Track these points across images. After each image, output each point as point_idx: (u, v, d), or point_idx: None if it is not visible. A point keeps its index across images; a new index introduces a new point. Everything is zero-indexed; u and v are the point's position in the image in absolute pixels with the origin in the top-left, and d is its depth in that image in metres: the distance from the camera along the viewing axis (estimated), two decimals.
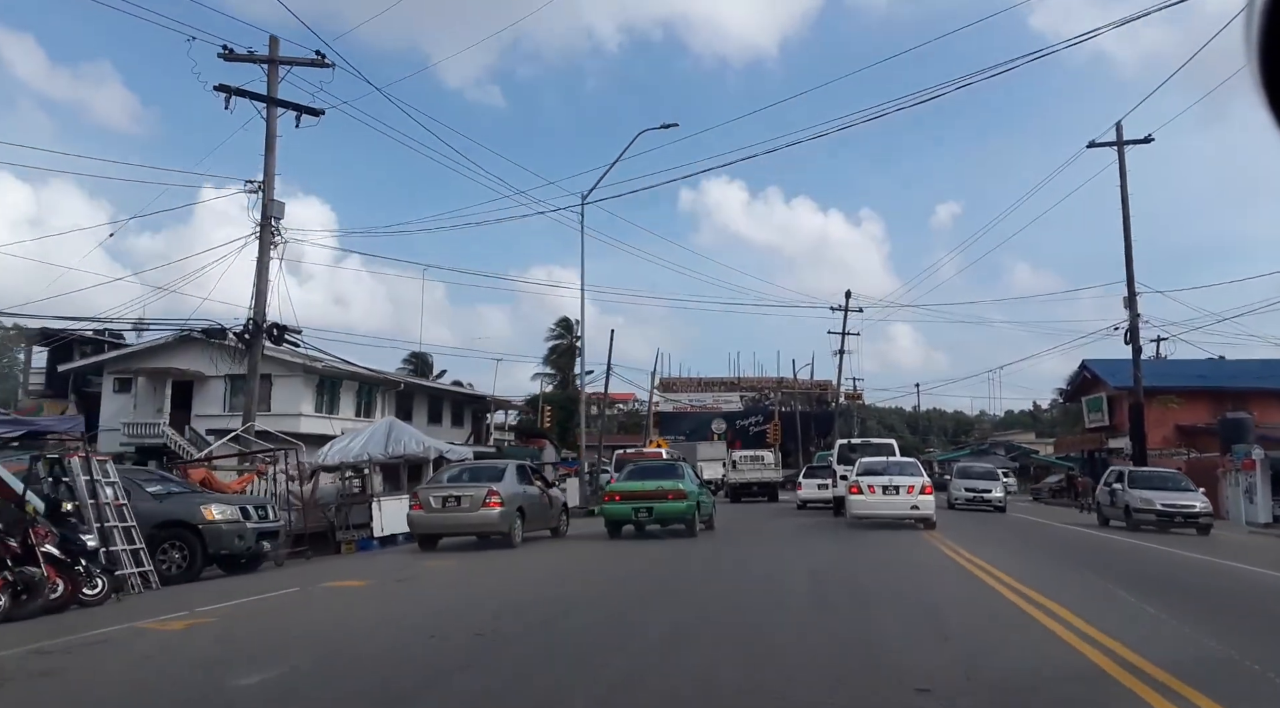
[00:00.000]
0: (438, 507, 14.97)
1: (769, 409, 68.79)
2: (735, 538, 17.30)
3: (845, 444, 26.60)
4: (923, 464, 20.83)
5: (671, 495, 17.02)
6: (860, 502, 18.02)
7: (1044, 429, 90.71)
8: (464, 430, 44.42)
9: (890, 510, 17.91)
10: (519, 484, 15.93)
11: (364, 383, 34.67)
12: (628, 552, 15.15)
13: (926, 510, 17.78)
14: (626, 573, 11.90)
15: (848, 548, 14.58)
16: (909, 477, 18.22)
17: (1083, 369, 43.84)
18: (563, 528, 18.03)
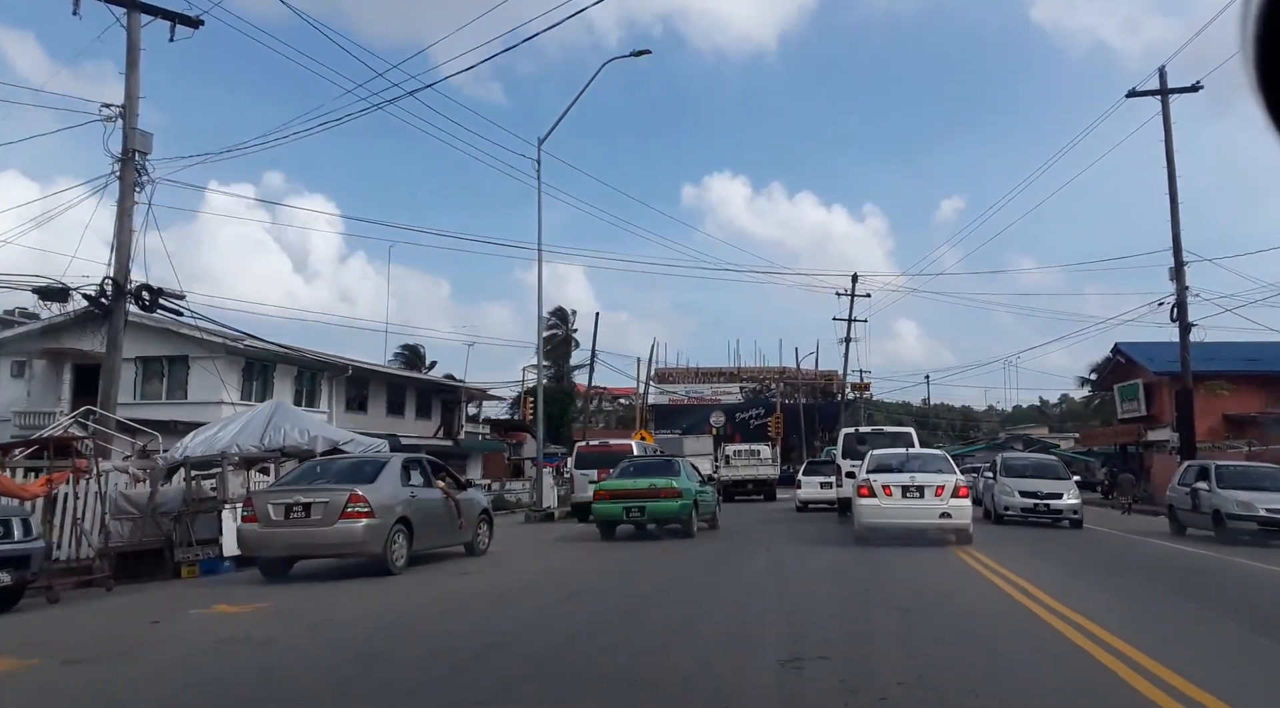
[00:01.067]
0: (278, 518, 10.93)
1: (770, 401, 64.53)
2: (712, 558, 13.17)
3: (852, 434, 21.39)
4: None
5: (665, 493, 15.96)
6: (872, 507, 13.81)
7: (1054, 424, 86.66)
8: (432, 423, 40.34)
9: (912, 519, 13.74)
10: (403, 486, 11.89)
11: (304, 367, 30.53)
12: (558, 576, 11.09)
13: (961, 519, 13.60)
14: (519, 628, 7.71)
15: (854, 572, 10.42)
16: (936, 474, 13.96)
17: (1115, 353, 39.53)
18: (482, 543, 13.94)
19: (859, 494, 14.12)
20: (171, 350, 26.84)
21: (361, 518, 10.68)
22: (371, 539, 10.77)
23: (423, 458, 13.60)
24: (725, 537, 16.86)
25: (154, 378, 27.35)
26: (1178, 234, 30.18)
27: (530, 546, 16.58)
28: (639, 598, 9.11)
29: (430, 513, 12.17)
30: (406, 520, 11.41)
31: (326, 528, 10.69)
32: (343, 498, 10.78)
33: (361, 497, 10.80)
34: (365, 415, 34.28)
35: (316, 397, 31.46)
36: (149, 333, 25.92)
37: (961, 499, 13.65)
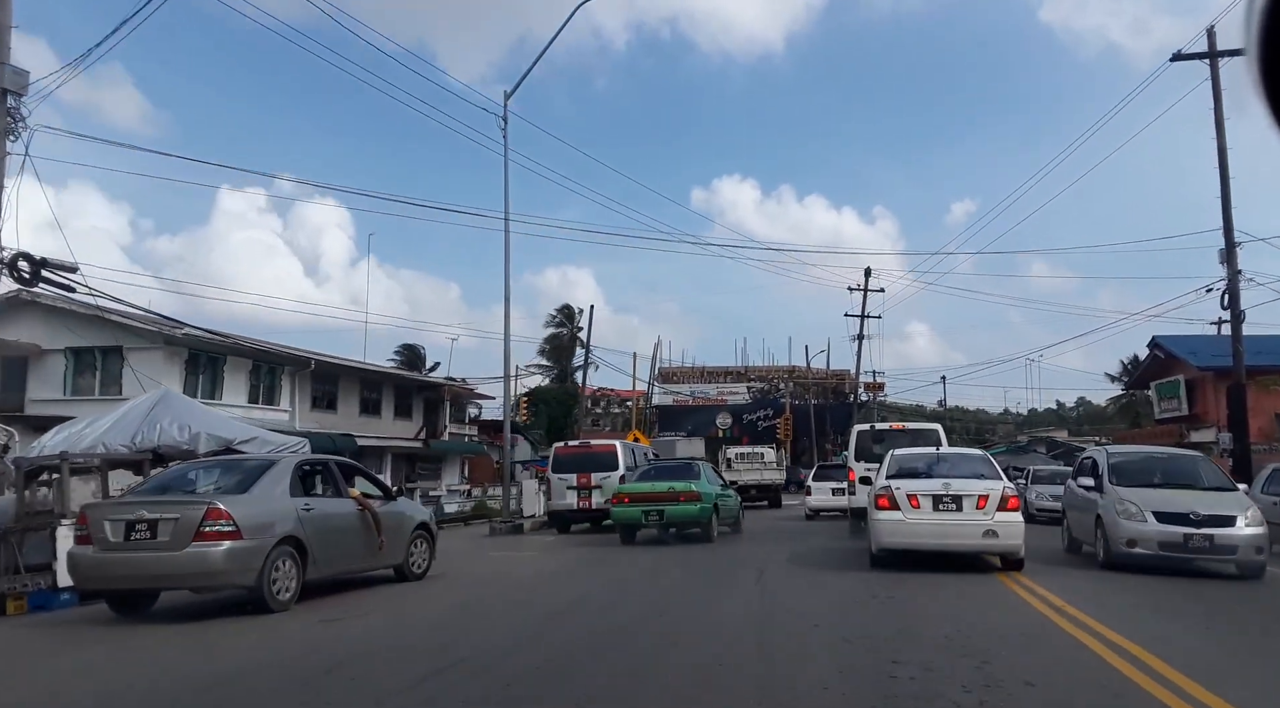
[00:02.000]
0: (117, 540, 8.40)
1: (779, 402, 61.49)
2: (687, 586, 10.25)
3: (867, 431, 17.83)
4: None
5: (684, 497, 15.80)
6: (894, 524, 10.79)
7: (1073, 427, 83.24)
8: (413, 423, 37.52)
9: (947, 539, 10.72)
10: (293, 497, 9.31)
11: (260, 361, 27.72)
12: (475, 617, 8.21)
13: (1010, 539, 10.52)
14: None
15: (869, 618, 7.43)
16: (977, 481, 10.97)
17: (1154, 348, 36.31)
18: (418, 565, 11.22)
19: (877, 505, 11.01)
20: (106, 340, 24.11)
21: (222, 540, 8.22)
22: (236, 567, 8.32)
23: (330, 461, 10.99)
24: (714, 553, 14.00)
25: (86, 371, 24.63)
26: (1228, 212, 26.85)
27: (476, 567, 13.68)
28: (556, 659, 6.19)
29: (335, 531, 9.68)
30: (296, 542, 8.94)
31: (175, 553, 8.20)
32: (197, 514, 8.29)
33: (222, 512, 8.31)
34: (334, 415, 31.48)
35: (276, 394, 28.68)
36: (81, 321, 23.23)
37: (1010, 513, 10.59)
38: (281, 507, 9.01)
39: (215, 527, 8.22)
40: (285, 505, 9.06)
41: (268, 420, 27.68)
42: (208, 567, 8.23)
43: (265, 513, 8.77)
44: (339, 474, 10.47)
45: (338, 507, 9.97)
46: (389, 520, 10.56)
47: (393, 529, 10.62)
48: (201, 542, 8.17)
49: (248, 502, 8.70)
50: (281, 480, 9.28)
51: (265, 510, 8.79)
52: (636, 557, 14.15)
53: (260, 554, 8.43)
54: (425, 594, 10.20)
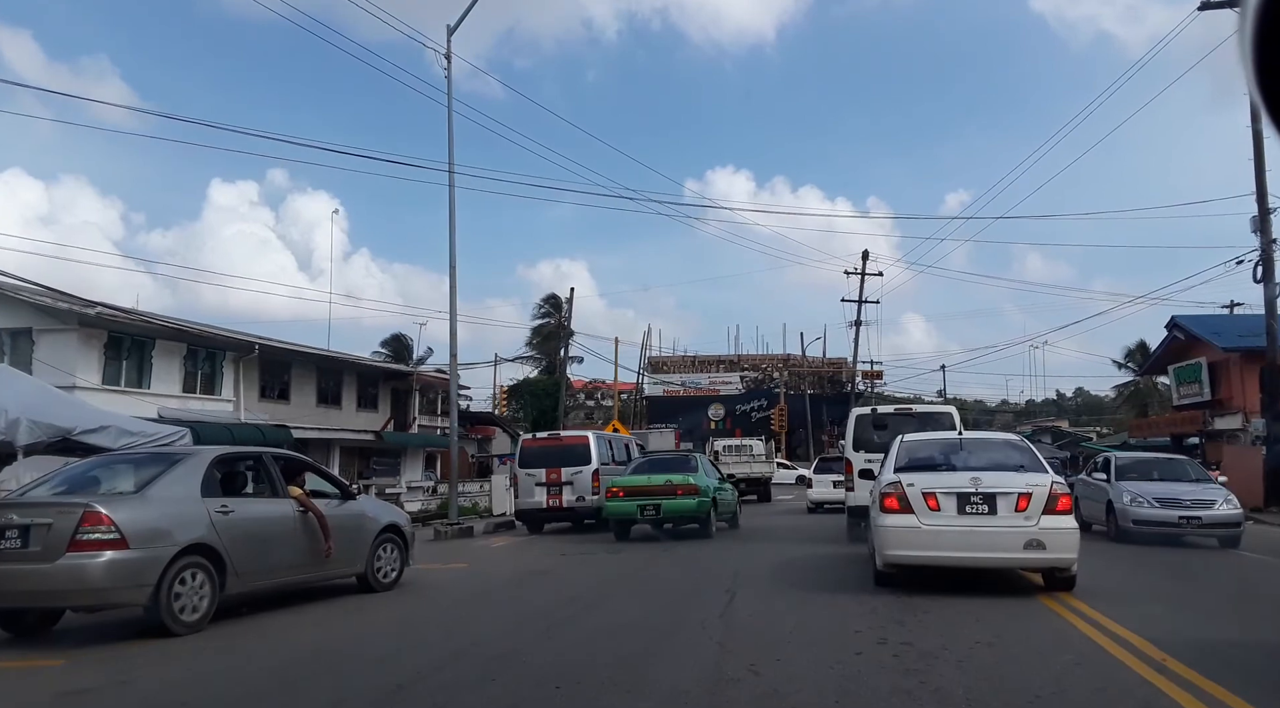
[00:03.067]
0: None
1: (774, 392, 59.08)
2: (629, 620, 7.75)
3: (867, 416, 15.06)
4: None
5: (683, 490, 15.25)
6: (906, 532, 8.24)
7: (1073, 418, 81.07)
8: (379, 415, 34.99)
9: (978, 552, 8.21)
10: (204, 496, 7.80)
11: (197, 345, 25.12)
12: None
13: (1061, 551, 8.08)
14: None
15: (876, 684, 4.92)
16: (1016, 474, 8.49)
17: (1173, 329, 33.82)
18: (385, 573, 9.78)
19: (883, 507, 8.46)
20: (13, 321, 21.54)
21: (102, 550, 6.87)
22: (121, 583, 6.96)
23: (264, 454, 9.22)
24: (688, 560, 11.52)
25: None
26: (1262, 175, 24.54)
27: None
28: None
29: (263, 537, 8.26)
30: (209, 550, 7.57)
31: (47, 566, 6.83)
32: (72, 520, 6.91)
33: (101, 517, 6.92)
34: (286, 406, 28.89)
35: (217, 382, 26.07)
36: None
37: (1060, 517, 8.09)
38: (187, 510, 7.59)
39: (94, 535, 6.84)
40: (192, 508, 7.63)
41: (207, 412, 25.19)
42: (85, 582, 6.84)
43: (162, 517, 7.37)
44: (275, 470, 8.85)
45: (270, 509, 8.51)
46: (344, 523, 9.18)
47: (348, 533, 9.24)
48: (77, 552, 6.81)
49: (139, 504, 7.32)
50: (190, 478, 7.83)
51: (162, 514, 7.40)
52: (587, 570, 11.69)
53: (155, 567, 7.06)
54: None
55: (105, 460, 8.99)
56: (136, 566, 6.99)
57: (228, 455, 8.76)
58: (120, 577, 6.92)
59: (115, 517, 6.98)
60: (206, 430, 22.04)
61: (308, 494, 9.01)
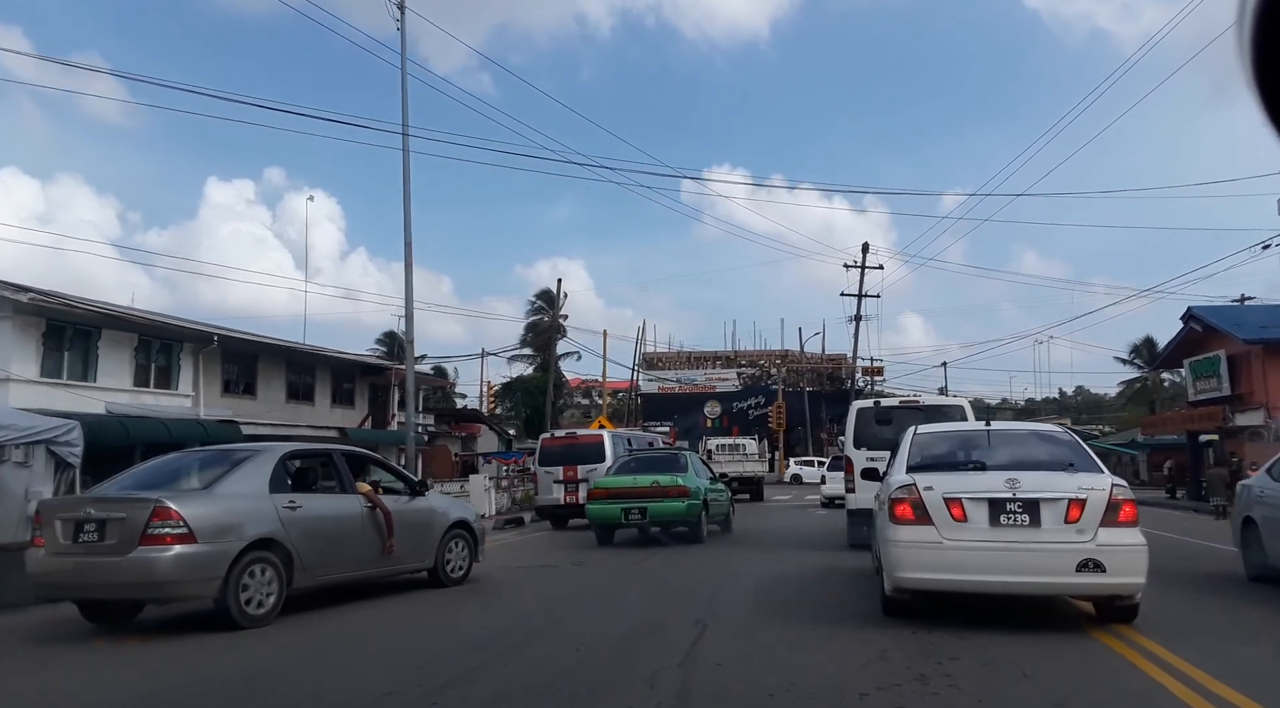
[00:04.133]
0: (67, 542, 7.38)
1: (771, 389, 57.39)
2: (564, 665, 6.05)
3: (869, 409, 13.78)
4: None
5: (672, 492, 14.22)
6: (924, 549, 6.55)
7: (1074, 416, 79.43)
8: (356, 411, 33.34)
9: (1018, 575, 6.44)
10: (273, 492, 7.99)
11: (150, 336, 23.41)
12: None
13: (1126, 574, 6.32)
14: None
15: None
16: (1063, 473, 6.74)
17: (1189, 321, 32.09)
18: (456, 568, 10.00)
19: (894, 516, 6.73)
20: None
21: (171, 544, 7.10)
22: (189, 576, 7.21)
23: (333, 451, 9.52)
24: (665, 574, 9.85)
25: None
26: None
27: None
28: None
29: (334, 532, 8.48)
30: (276, 545, 7.81)
31: (120, 559, 7.10)
32: (143, 514, 7.16)
33: (170, 512, 7.17)
34: (253, 401, 27.23)
35: (173, 376, 24.37)
36: None
37: (1124, 530, 6.36)
38: (254, 505, 7.79)
39: (164, 529, 7.10)
40: (260, 504, 7.84)
41: (162, 407, 23.47)
42: (155, 575, 7.10)
43: (229, 512, 7.59)
44: (343, 467, 9.05)
45: (337, 504, 8.68)
46: (412, 518, 9.38)
47: (418, 528, 9.43)
48: (148, 546, 7.08)
49: (207, 500, 7.55)
50: (258, 474, 8.05)
51: (229, 509, 7.61)
52: (538, 586, 10.08)
53: (223, 561, 7.29)
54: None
55: (177, 458, 8.93)
56: (204, 559, 7.15)
57: (297, 452, 8.87)
58: (188, 570, 7.09)
59: (184, 511, 7.15)
60: (178, 427, 20.42)
61: (378, 490, 9.13)
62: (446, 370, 65.32)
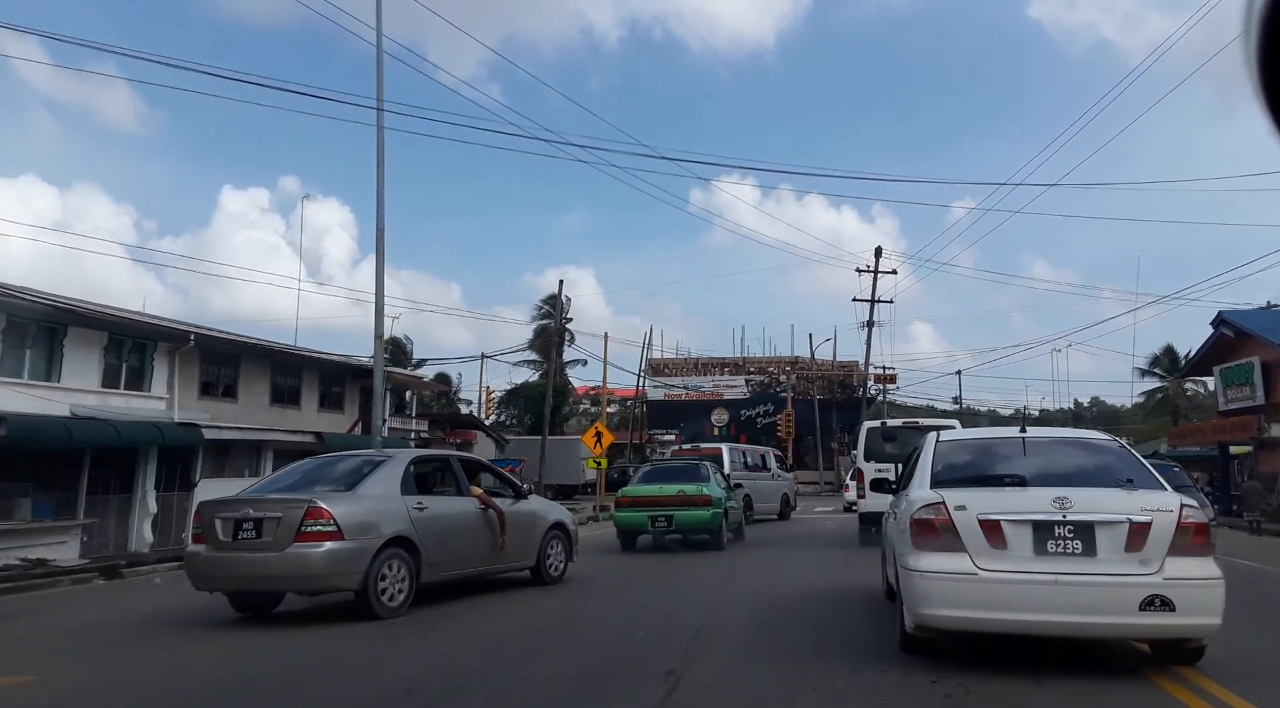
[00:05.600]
0: (226, 539, 8.02)
1: (781, 396, 55.84)
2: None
3: (876, 429, 16.07)
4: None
5: (698, 501, 14.85)
6: (957, 580, 5.28)
7: (1090, 427, 77.52)
8: (346, 416, 32.06)
9: (1072, 615, 5.14)
10: (404, 495, 8.68)
11: (121, 335, 22.15)
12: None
13: (1198, 615, 5.07)
14: None
15: None
16: (1119, 491, 5.50)
17: (1220, 326, 30.53)
18: (555, 566, 10.64)
19: (918, 539, 5.59)
20: None
21: (323, 540, 7.77)
22: (338, 570, 7.84)
23: (451, 457, 10.50)
24: (626, 614, 8.46)
25: None
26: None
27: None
28: None
29: (454, 531, 9.17)
30: (407, 543, 8.40)
31: (276, 554, 7.80)
32: (298, 514, 7.84)
33: (322, 511, 7.85)
34: (233, 405, 25.90)
35: (146, 377, 23.07)
36: None
37: (1197, 560, 5.23)
38: (390, 506, 8.54)
39: (316, 527, 7.84)
40: (395, 505, 8.59)
41: (133, 409, 22.17)
42: (308, 568, 7.85)
43: (370, 512, 8.30)
44: (460, 471, 9.92)
45: (456, 505, 9.45)
46: (518, 520, 10.07)
47: (522, 529, 10.15)
48: (302, 542, 7.82)
49: (352, 500, 8.29)
50: (391, 478, 8.84)
51: (370, 510, 8.32)
52: (496, 614, 8.67)
53: (364, 556, 7.98)
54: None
55: (318, 462, 9.76)
56: (350, 555, 7.84)
57: (422, 457, 9.88)
58: (337, 564, 7.80)
59: (333, 511, 7.85)
60: (130, 431, 19.21)
61: (488, 493, 9.85)
62: (450, 377, 64.27)
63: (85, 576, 13.81)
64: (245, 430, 20.12)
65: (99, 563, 15.24)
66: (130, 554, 16.61)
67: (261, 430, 20.95)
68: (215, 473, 19.79)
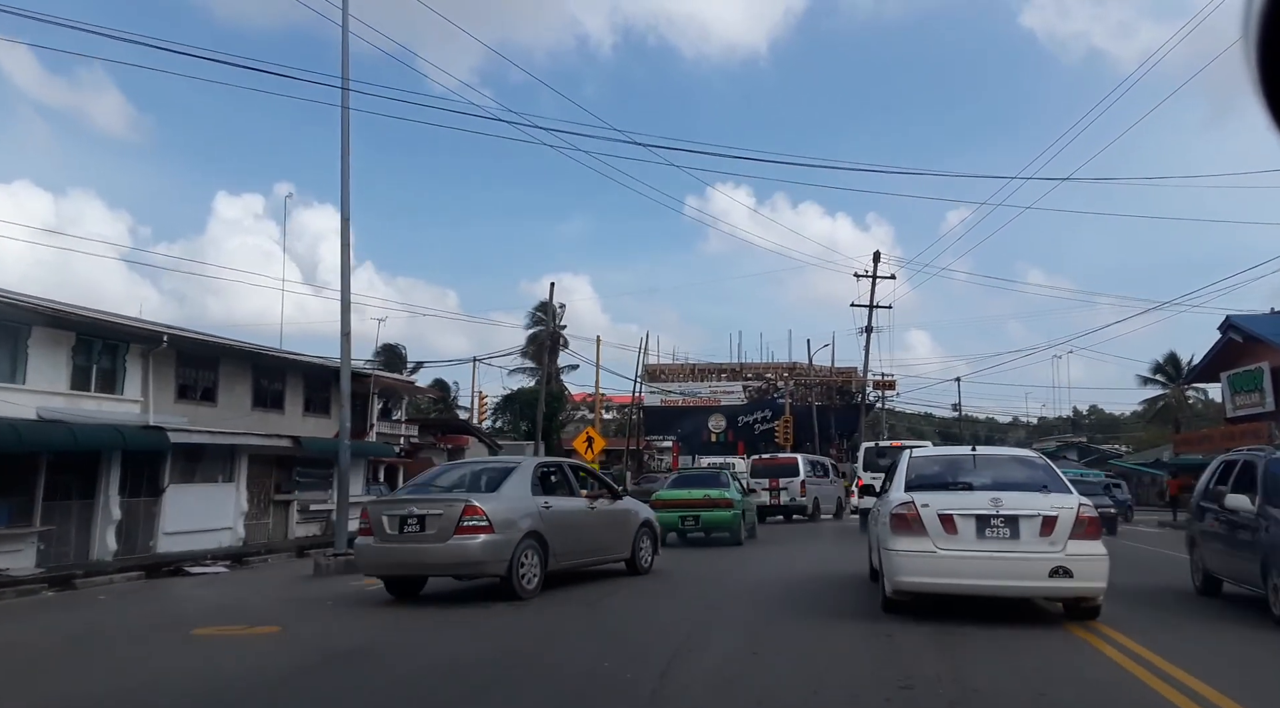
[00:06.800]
0: (393, 532, 9.60)
1: (779, 402, 55.01)
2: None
3: (873, 448, 22.00)
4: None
5: (721, 504, 16.90)
6: (919, 558, 7.60)
7: (1090, 435, 76.72)
8: (331, 420, 31.19)
9: (998, 579, 7.56)
10: (534, 496, 10.16)
11: (89, 335, 21.36)
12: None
13: (1090, 580, 7.43)
14: None
15: None
16: (1038, 494, 7.83)
17: (1228, 331, 29.78)
18: (645, 559, 11.96)
19: (894, 529, 7.76)
20: None
21: (478, 533, 9.29)
22: (491, 558, 9.36)
23: (564, 463, 12.04)
24: (598, 638, 7.68)
25: None
26: None
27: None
28: None
29: (571, 527, 10.57)
30: (538, 536, 9.87)
31: (439, 545, 9.35)
32: (457, 510, 9.40)
33: (478, 509, 9.38)
34: (213, 408, 25.10)
35: (119, 379, 22.28)
36: None
37: (1089, 542, 7.48)
38: (526, 505, 9.87)
39: (472, 522, 9.23)
40: (529, 504, 9.93)
41: (105, 412, 21.35)
42: (467, 557, 9.28)
43: (512, 510, 9.60)
44: (572, 475, 11.40)
45: (572, 505, 10.83)
46: (615, 517, 11.47)
47: (619, 526, 11.54)
48: (461, 535, 9.21)
49: (498, 500, 9.62)
50: (525, 481, 10.20)
51: (512, 508, 9.63)
52: (442, 643, 7.87)
53: (509, 547, 9.34)
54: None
55: (458, 468, 11.35)
56: (499, 545, 9.20)
57: (544, 463, 11.34)
58: (489, 553, 9.15)
59: (486, 508, 9.26)
60: (86, 432, 18.38)
61: (593, 494, 11.34)
62: (448, 384, 63.48)
63: (34, 587, 13.03)
64: (216, 434, 19.30)
65: (53, 573, 14.44)
66: (91, 563, 15.79)
67: (234, 434, 20.14)
68: (186, 478, 18.97)
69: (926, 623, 7.34)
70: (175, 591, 12.82)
